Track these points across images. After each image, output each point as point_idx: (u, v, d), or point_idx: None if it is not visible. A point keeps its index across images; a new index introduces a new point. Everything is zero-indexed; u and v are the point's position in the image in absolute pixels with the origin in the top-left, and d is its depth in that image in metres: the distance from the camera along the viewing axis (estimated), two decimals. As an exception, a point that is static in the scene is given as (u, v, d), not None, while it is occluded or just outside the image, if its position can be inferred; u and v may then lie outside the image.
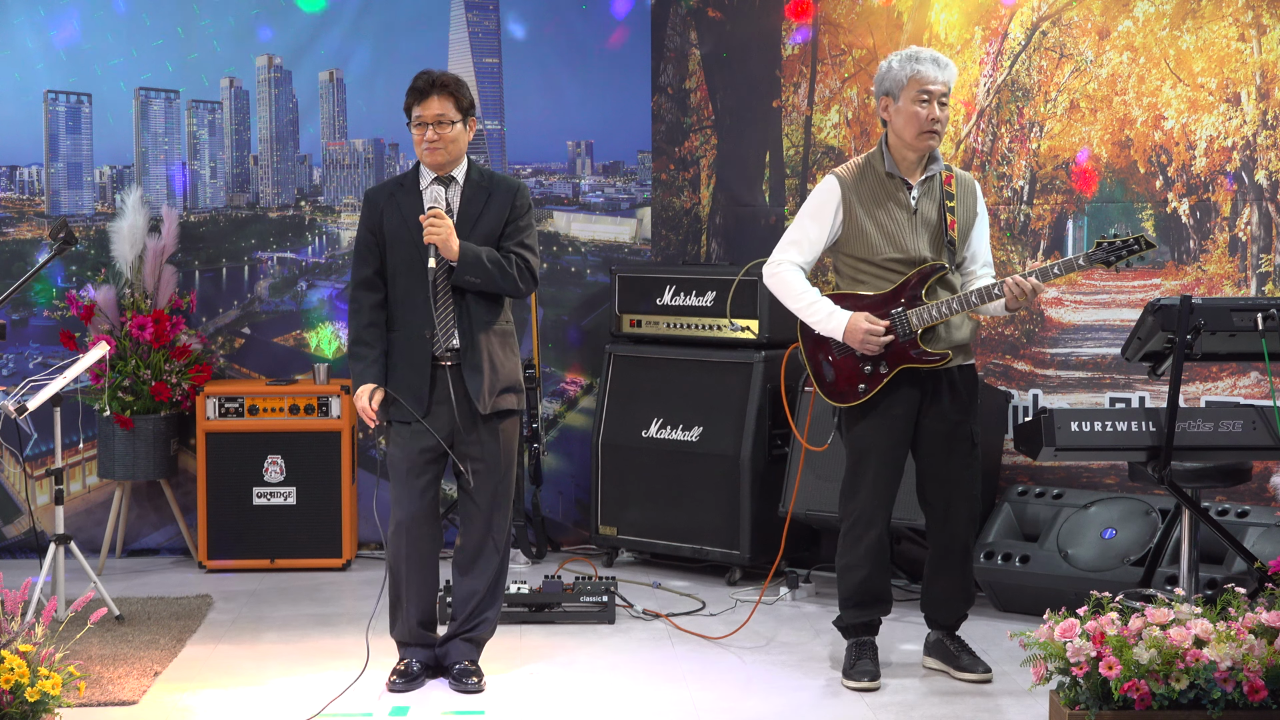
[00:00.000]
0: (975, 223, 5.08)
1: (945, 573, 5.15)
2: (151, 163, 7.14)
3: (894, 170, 5.00)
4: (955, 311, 4.90)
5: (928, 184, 5.01)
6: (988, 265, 5.10)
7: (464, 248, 4.85)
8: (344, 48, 7.16)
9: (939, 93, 4.91)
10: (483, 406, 4.94)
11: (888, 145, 5.02)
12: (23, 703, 4.12)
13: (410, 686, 5.02)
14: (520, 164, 7.28)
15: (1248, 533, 5.45)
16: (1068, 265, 4.84)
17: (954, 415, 5.02)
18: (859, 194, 4.99)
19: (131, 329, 6.76)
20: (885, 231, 4.97)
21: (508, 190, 5.01)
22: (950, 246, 4.98)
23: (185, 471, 7.01)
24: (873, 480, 5.01)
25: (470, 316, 4.94)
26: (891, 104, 4.96)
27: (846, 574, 5.11)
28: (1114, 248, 4.78)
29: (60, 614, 5.34)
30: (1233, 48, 5.76)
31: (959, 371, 5.04)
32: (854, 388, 4.98)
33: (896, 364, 4.94)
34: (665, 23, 7.24)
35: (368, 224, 5.01)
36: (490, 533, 5.05)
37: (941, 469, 5.05)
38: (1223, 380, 5.80)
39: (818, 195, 5.05)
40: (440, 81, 4.89)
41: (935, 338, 4.96)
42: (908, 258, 4.96)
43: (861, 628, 5.12)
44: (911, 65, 4.91)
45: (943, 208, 5.00)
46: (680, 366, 6.68)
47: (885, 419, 4.98)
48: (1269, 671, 4.07)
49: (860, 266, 5.01)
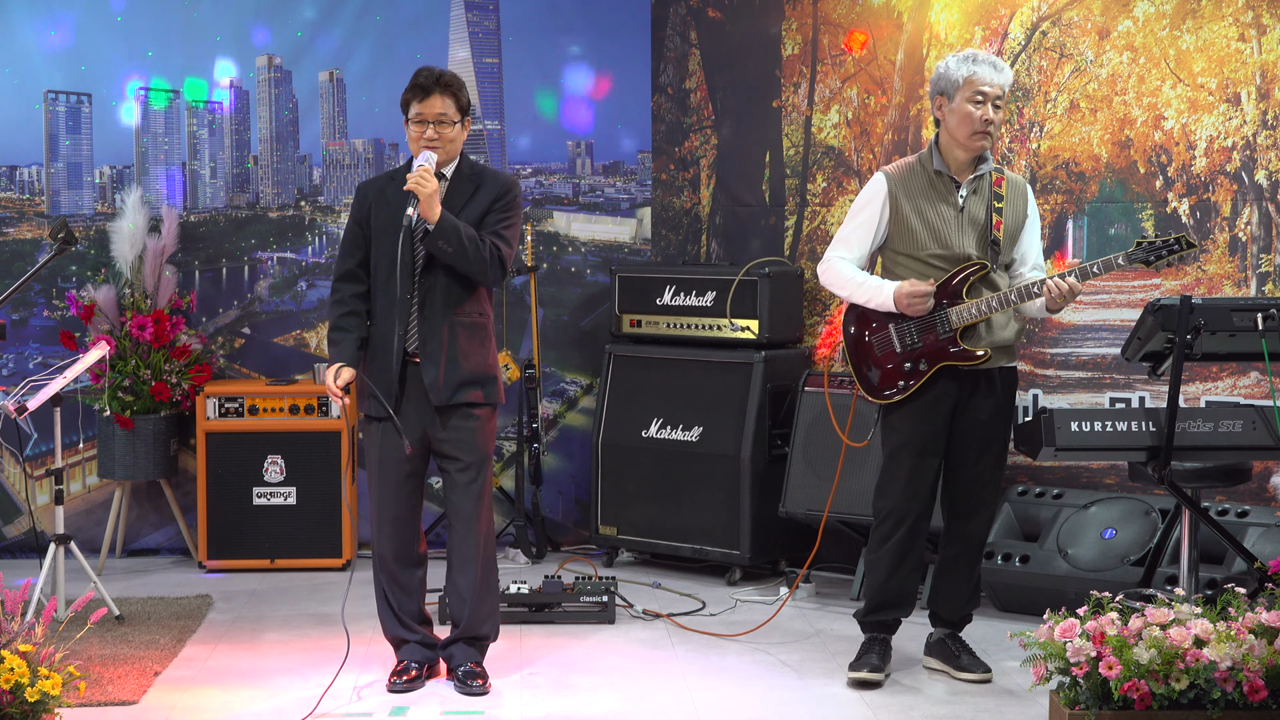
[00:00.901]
0: (1025, 224, 5.08)
1: (958, 571, 5.15)
2: (151, 163, 7.14)
3: (943, 169, 5.01)
4: (995, 310, 4.90)
5: (977, 183, 5.02)
6: (1038, 268, 5.10)
7: (443, 214, 4.82)
8: (344, 48, 7.16)
9: (993, 95, 4.92)
10: (435, 398, 4.90)
11: (939, 144, 5.04)
12: (23, 703, 4.12)
13: (410, 687, 5.02)
14: (520, 164, 7.28)
15: (1248, 533, 5.45)
16: (1107, 264, 4.82)
17: (990, 416, 5.03)
18: (906, 190, 5.02)
19: (131, 329, 6.76)
20: (931, 227, 4.98)
21: (495, 183, 4.98)
22: (994, 246, 4.99)
23: (185, 471, 7.01)
24: (906, 477, 5.02)
25: (433, 307, 4.91)
26: (946, 103, 4.97)
27: (871, 570, 5.15)
28: (1154, 247, 4.77)
29: (60, 614, 5.34)
30: (1233, 48, 5.76)
31: (999, 373, 5.04)
32: (894, 384, 5.00)
33: (936, 361, 4.95)
34: (665, 23, 7.24)
35: (355, 216, 5.01)
36: (467, 538, 5.01)
37: (971, 469, 5.06)
38: (1223, 380, 5.80)
39: (866, 192, 5.09)
40: (444, 80, 4.88)
41: (976, 336, 4.97)
42: (952, 254, 4.96)
43: (878, 625, 5.14)
44: (968, 66, 4.94)
45: (990, 208, 5.01)
46: (680, 366, 6.68)
47: (922, 416, 4.99)
48: (1269, 671, 4.07)
49: (903, 261, 5.02)
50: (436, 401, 4.91)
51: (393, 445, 4.96)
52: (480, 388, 4.97)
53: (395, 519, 5.03)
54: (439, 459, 5.01)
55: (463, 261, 4.85)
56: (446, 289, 4.92)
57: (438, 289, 4.91)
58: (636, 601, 6.10)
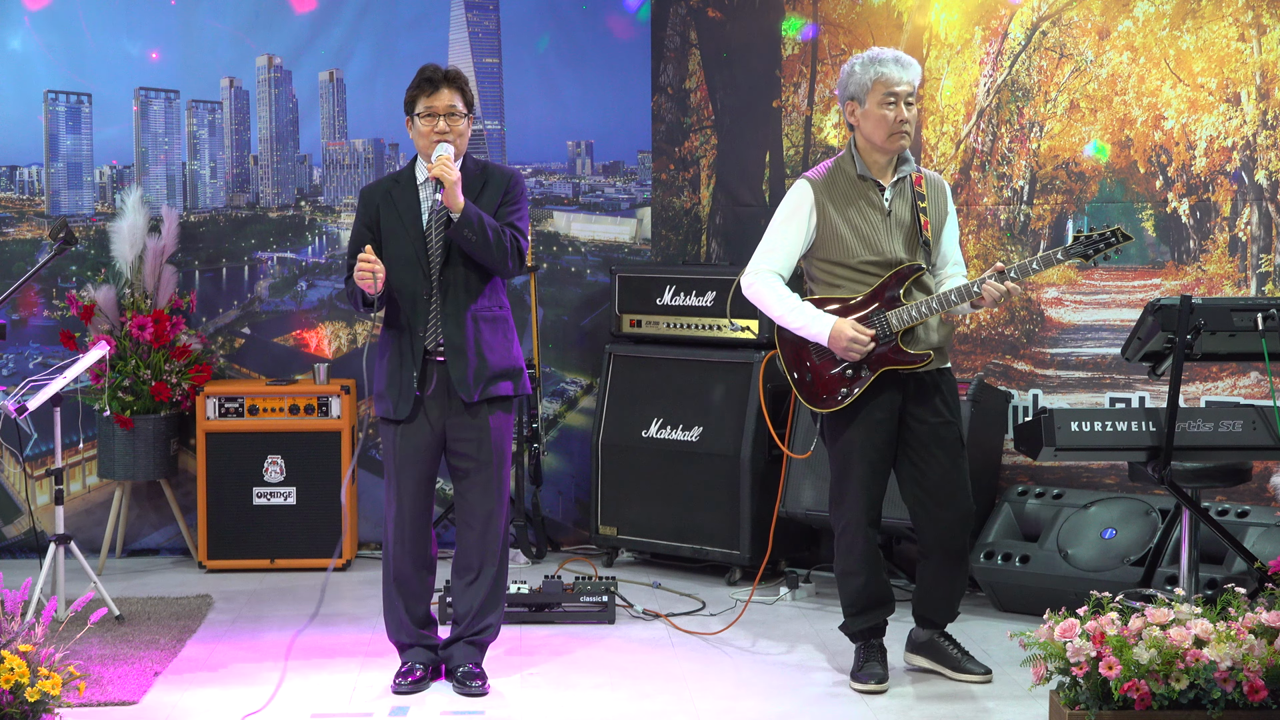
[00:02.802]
0: (946, 223, 5.05)
1: (942, 579, 5.11)
2: (151, 163, 7.14)
3: (865, 173, 4.96)
4: (935, 311, 4.88)
5: (900, 185, 4.98)
6: (958, 264, 5.07)
7: (467, 202, 4.82)
8: (344, 48, 7.17)
9: (905, 93, 4.88)
10: (468, 395, 4.90)
11: (856, 148, 4.98)
12: (23, 703, 4.12)
13: (415, 689, 5.01)
14: (520, 164, 7.28)
15: (1248, 533, 5.45)
16: (1046, 260, 4.81)
17: (937, 417, 4.98)
18: (831, 197, 4.96)
19: (131, 329, 6.76)
20: (860, 234, 4.93)
21: (502, 177, 5.00)
22: (925, 247, 4.95)
23: (185, 471, 7.01)
24: (859, 486, 4.98)
25: (455, 302, 4.90)
26: (858, 108, 4.93)
27: (845, 581, 5.09)
28: (1090, 241, 4.77)
29: (60, 614, 5.34)
30: (1233, 48, 5.76)
31: (938, 374, 5.00)
32: (835, 393, 4.96)
33: (878, 367, 4.91)
34: (665, 23, 7.24)
35: (364, 220, 5.00)
36: (486, 537, 5.01)
37: (928, 470, 5.00)
38: (1223, 380, 5.80)
39: (790, 200, 5.00)
40: (451, 75, 4.91)
41: (915, 339, 4.94)
42: (883, 259, 4.93)
43: (867, 632, 5.11)
44: (875, 68, 4.88)
45: (915, 208, 4.97)
46: (680, 366, 6.68)
47: (868, 423, 4.95)
48: (1269, 671, 4.07)
49: (836, 270, 4.97)
50: (467, 398, 4.90)
51: (412, 448, 4.95)
52: (510, 380, 4.98)
53: (414, 522, 5.01)
54: (456, 459, 4.99)
55: (485, 251, 4.85)
56: (466, 283, 4.92)
57: (458, 283, 4.91)
58: (636, 601, 6.10)
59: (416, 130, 4.92)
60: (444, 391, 4.92)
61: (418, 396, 4.91)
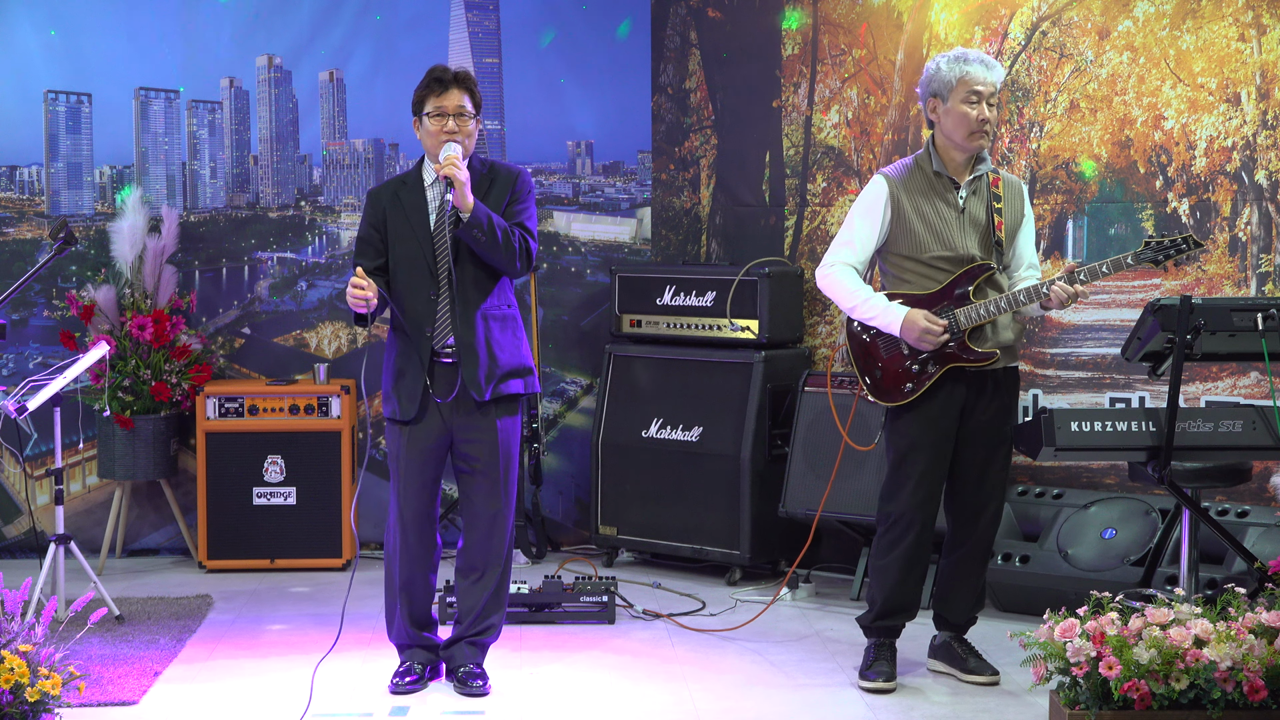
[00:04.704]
0: (1022, 224, 5.07)
1: (964, 574, 5.13)
2: (151, 163, 7.14)
3: (942, 170, 4.99)
4: (1003, 311, 4.89)
5: (976, 184, 5.00)
6: (1033, 267, 5.09)
7: (476, 202, 4.82)
8: (344, 48, 7.16)
9: (988, 93, 4.90)
10: (479, 394, 4.89)
11: (935, 146, 5.01)
12: (23, 703, 4.12)
13: (413, 688, 5.01)
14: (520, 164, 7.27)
15: (1248, 533, 5.45)
16: (1116, 264, 4.81)
17: (996, 417, 5.01)
18: (907, 191, 4.99)
19: (131, 329, 6.76)
20: (933, 229, 4.96)
21: (510, 176, 5.01)
22: (998, 247, 4.97)
23: (185, 471, 7.01)
24: (915, 482, 4.98)
25: (464, 302, 4.90)
26: (940, 105, 4.94)
27: (879, 575, 5.08)
28: (1162, 246, 4.77)
29: (60, 614, 5.34)
30: (1233, 48, 5.76)
31: (1004, 373, 5.03)
32: (901, 387, 4.97)
33: (945, 363, 4.93)
34: (665, 23, 7.24)
35: (370, 220, 4.99)
36: (492, 539, 5.00)
37: (979, 472, 5.03)
38: (1223, 380, 5.80)
39: (867, 194, 5.04)
40: (461, 76, 4.92)
41: (982, 337, 4.95)
42: (956, 256, 4.95)
43: (884, 630, 5.12)
44: (960, 66, 4.91)
45: (990, 208, 4.99)
46: (680, 366, 6.68)
47: (930, 419, 4.96)
48: (1269, 671, 4.07)
49: (907, 265, 4.99)
50: (479, 397, 4.89)
51: (418, 450, 4.95)
52: (520, 378, 4.98)
53: (418, 524, 5.00)
54: (462, 460, 4.98)
55: (494, 251, 4.85)
56: (476, 282, 4.91)
57: (467, 282, 4.90)
58: (636, 601, 6.10)
59: (425, 130, 4.92)
60: (447, 392, 4.91)
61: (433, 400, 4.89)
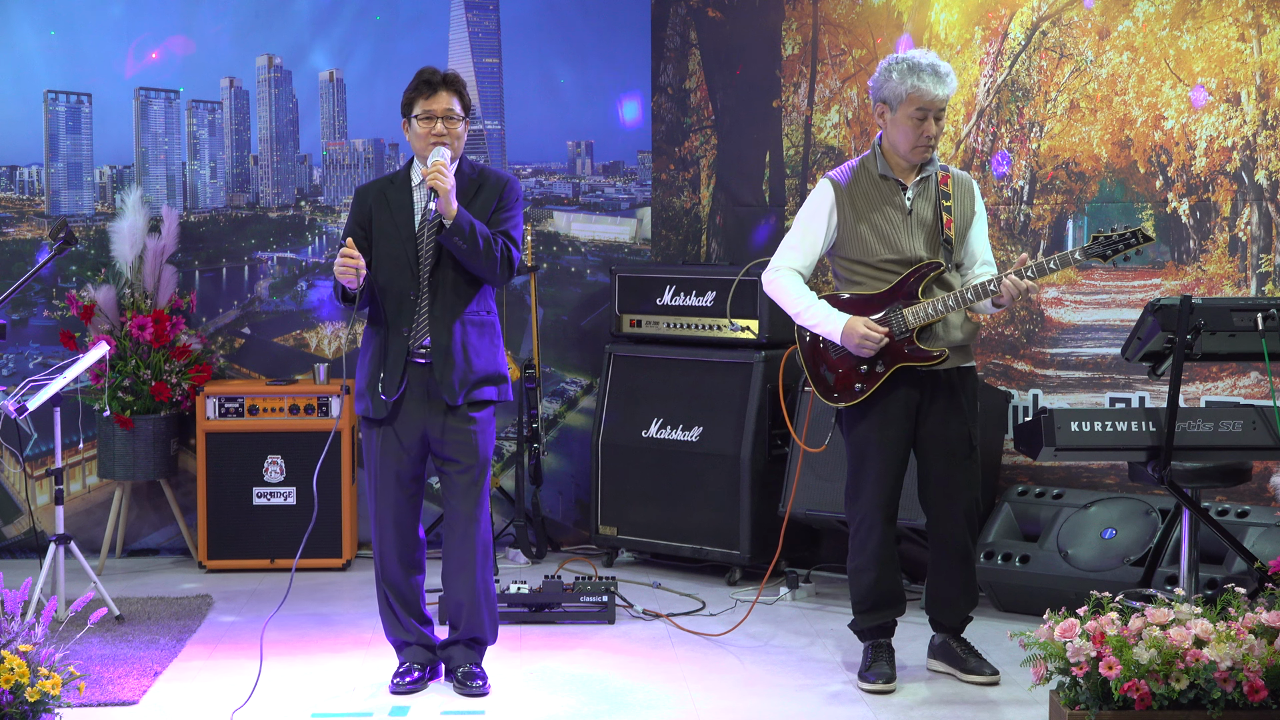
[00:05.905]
0: (973, 221, 5.07)
1: (944, 574, 5.14)
2: (151, 163, 7.14)
3: (888, 172, 4.99)
4: (951, 309, 4.89)
5: (922, 184, 5.01)
6: (987, 264, 5.09)
7: (460, 209, 4.82)
8: (344, 48, 7.17)
9: (936, 109, 4.90)
10: (451, 398, 4.89)
11: (881, 148, 5.02)
12: (23, 703, 4.12)
13: (412, 688, 5.01)
14: (520, 164, 7.28)
15: (1248, 533, 5.45)
16: (1064, 260, 4.83)
17: (951, 418, 5.01)
18: (852, 196, 5.00)
19: (131, 329, 6.76)
20: (880, 233, 4.96)
21: (498, 182, 5.00)
22: (947, 245, 4.97)
23: (185, 471, 7.01)
24: (874, 481, 5.01)
25: (443, 305, 4.90)
26: (888, 113, 4.95)
27: (856, 577, 5.10)
28: (1110, 241, 4.78)
29: (60, 614, 5.34)
30: (1233, 48, 5.76)
31: (958, 374, 5.03)
32: (851, 387, 4.98)
33: (893, 363, 4.93)
34: (665, 23, 7.24)
35: (356, 218, 5.00)
36: (468, 540, 4.98)
37: (939, 471, 5.04)
38: (1223, 380, 5.80)
39: (812, 199, 5.06)
40: (449, 78, 4.92)
41: (932, 337, 4.96)
42: (903, 258, 4.95)
43: (876, 630, 5.12)
44: (911, 80, 4.89)
45: (939, 207, 4.99)
46: (680, 366, 6.68)
47: (884, 419, 4.98)
48: (1269, 671, 4.07)
49: (856, 269, 5.01)
50: (450, 401, 4.89)
51: (393, 449, 4.95)
52: (493, 385, 4.98)
53: (397, 524, 5.01)
54: (438, 462, 5.00)
55: (475, 259, 4.85)
56: (455, 287, 4.91)
57: (446, 286, 4.90)
58: (636, 601, 6.10)
59: (413, 132, 4.92)
60: (424, 394, 4.92)
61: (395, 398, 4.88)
